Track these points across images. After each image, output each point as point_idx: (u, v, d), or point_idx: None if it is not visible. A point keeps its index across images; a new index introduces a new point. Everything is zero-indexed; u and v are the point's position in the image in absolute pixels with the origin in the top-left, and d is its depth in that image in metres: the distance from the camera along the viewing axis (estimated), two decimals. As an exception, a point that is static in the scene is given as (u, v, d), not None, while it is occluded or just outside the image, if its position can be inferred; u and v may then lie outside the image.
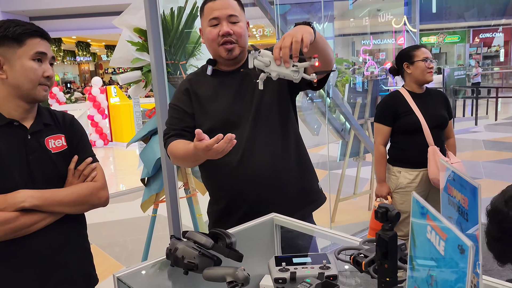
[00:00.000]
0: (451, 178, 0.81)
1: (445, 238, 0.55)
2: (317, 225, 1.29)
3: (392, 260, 0.79)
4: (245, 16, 1.47)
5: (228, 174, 1.44)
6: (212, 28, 1.40)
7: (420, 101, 2.29)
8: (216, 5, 1.40)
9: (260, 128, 1.44)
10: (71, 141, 1.32)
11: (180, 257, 1.02)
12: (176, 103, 1.50)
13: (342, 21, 13.09)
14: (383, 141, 2.34)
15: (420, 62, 2.25)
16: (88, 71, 23.39)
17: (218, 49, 1.40)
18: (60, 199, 1.22)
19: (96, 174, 1.33)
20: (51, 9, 11.83)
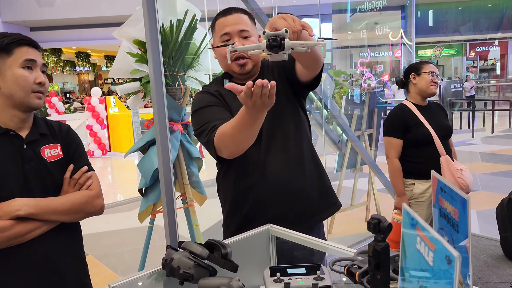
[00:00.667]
0: (442, 190, 0.83)
1: (433, 249, 0.56)
2: (312, 237, 1.30)
3: (384, 271, 0.80)
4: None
5: (249, 187, 1.44)
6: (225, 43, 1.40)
7: (426, 113, 2.35)
8: (227, 21, 1.41)
9: (276, 136, 1.44)
10: (67, 150, 1.32)
11: (175, 267, 1.03)
12: (209, 100, 1.42)
13: (340, 33, 13.23)
14: (397, 154, 2.37)
15: (426, 74, 2.33)
16: (87, 81, 23.48)
17: (231, 65, 1.41)
18: (55, 207, 1.23)
19: (91, 182, 1.33)
20: (52, 20, 11.94)
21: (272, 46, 0.96)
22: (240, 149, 1.29)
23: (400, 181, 2.39)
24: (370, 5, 7.56)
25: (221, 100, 1.43)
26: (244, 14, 1.43)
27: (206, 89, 1.50)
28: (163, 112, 2.11)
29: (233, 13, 1.41)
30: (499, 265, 1.39)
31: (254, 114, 1.14)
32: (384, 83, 10.10)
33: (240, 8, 1.46)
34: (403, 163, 2.39)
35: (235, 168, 1.47)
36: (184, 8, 2.42)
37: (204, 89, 1.51)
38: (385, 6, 7.67)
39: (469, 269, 0.71)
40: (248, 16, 1.44)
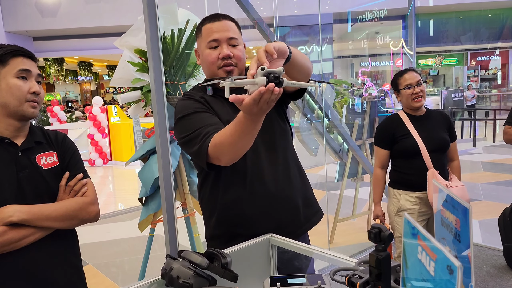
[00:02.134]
0: (444, 199, 0.82)
1: (435, 258, 0.55)
2: (314, 246, 1.29)
3: (385, 281, 0.79)
4: (243, 38, 1.46)
5: (238, 198, 1.39)
6: (212, 50, 1.37)
7: (418, 124, 2.28)
8: (215, 27, 1.37)
9: (261, 146, 1.41)
10: (63, 158, 1.33)
11: (175, 277, 1.02)
12: (195, 107, 1.36)
13: (341, 43, 13.29)
14: (380, 164, 2.36)
15: (405, 90, 2.27)
16: (89, 91, 23.59)
17: (217, 72, 1.38)
18: (49, 213, 1.22)
19: (86, 189, 1.33)
20: (54, 30, 12.04)
21: (273, 81, 0.99)
22: (240, 154, 1.24)
23: (379, 190, 2.40)
24: (371, 15, 7.61)
25: (207, 106, 1.38)
26: (232, 22, 1.41)
27: (189, 95, 1.42)
28: (164, 121, 2.12)
29: (222, 19, 1.38)
30: (502, 275, 1.37)
31: (256, 119, 1.11)
32: (385, 92, 10.13)
33: (228, 16, 1.43)
34: (392, 172, 2.38)
35: (223, 178, 1.41)
36: (185, 18, 2.43)
37: (187, 95, 1.43)
38: (386, 16, 7.72)
39: (471, 279, 0.70)
40: (236, 24, 1.42)
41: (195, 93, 1.44)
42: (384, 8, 7.94)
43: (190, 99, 1.40)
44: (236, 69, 1.39)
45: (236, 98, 1.01)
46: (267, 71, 0.99)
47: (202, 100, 1.39)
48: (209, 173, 1.40)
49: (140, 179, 2.46)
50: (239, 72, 1.40)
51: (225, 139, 1.19)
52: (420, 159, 2.22)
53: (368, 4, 8.25)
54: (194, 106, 1.36)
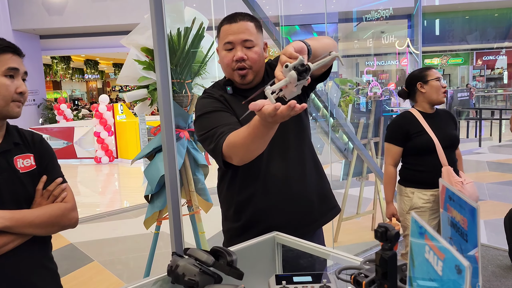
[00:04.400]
0: (450, 198, 0.82)
1: (442, 258, 0.55)
2: (319, 245, 1.29)
3: (391, 280, 0.79)
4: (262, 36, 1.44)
5: (252, 194, 1.43)
6: (227, 52, 1.39)
7: (431, 121, 2.29)
8: (231, 29, 1.38)
9: (278, 142, 1.40)
10: (40, 161, 1.27)
11: (181, 274, 1.02)
12: (213, 105, 1.40)
13: (346, 42, 13.26)
14: (393, 161, 2.34)
15: (434, 81, 2.28)
16: (95, 89, 23.71)
17: (233, 73, 1.40)
18: (31, 220, 1.17)
19: (66, 194, 1.28)
20: (61, 28, 12.10)
21: (301, 72, 1.01)
22: (252, 156, 1.27)
23: (391, 189, 2.37)
24: (376, 14, 7.58)
25: (226, 105, 1.41)
26: (250, 22, 1.39)
27: (210, 94, 1.46)
28: (170, 119, 2.12)
29: (238, 21, 1.38)
30: (507, 275, 1.37)
31: (270, 126, 1.12)
32: (390, 91, 10.09)
33: (246, 15, 1.42)
34: (404, 171, 2.37)
35: (239, 176, 1.45)
36: (191, 17, 2.44)
37: (207, 93, 1.47)
38: (392, 15, 7.67)
39: (478, 279, 0.70)
40: (255, 23, 1.40)
41: (215, 91, 1.46)
42: (390, 7, 7.90)
43: (210, 97, 1.43)
44: (250, 71, 1.39)
45: (254, 106, 1.01)
46: (292, 65, 1.01)
47: (221, 99, 1.42)
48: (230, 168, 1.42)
49: (146, 176, 2.47)
50: (254, 74, 1.40)
51: (238, 141, 1.21)
52: (433, 156, 2.23)
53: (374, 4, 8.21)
54: (213, 105, 1.40)
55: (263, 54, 1.43)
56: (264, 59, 1.44)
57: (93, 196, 6.69)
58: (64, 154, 9.02)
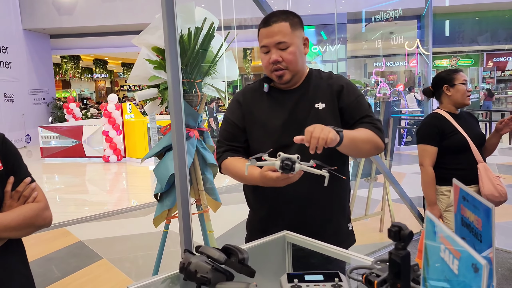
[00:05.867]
0: (464, 199, 0.82)
1: (458, 257, 0.55)
2: (329, 244, 1.29)
3: (404, 280, 0.79)
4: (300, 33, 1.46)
5: (273, 189, 1.44)
6: (264, 54, 1.44)
7: (460, 121, 2.34)
8: (266, 32, 1.42)
9: (308, 156, 1.42)
10: (6, 162, 1.21)
11: (193, 271, 1.03)
12: (230, 116, 1.54)
13: (355, 43, 13.16)
14: (431, 162, 2.34)
15: (461, 85, 2.32)
16: (104, 88, 23.87)
17: (271, 74, 1.45)
18: (7, 223, 1.13)
19: (37, 194, 1.24)
20: (71, 28, 12.22)
21: (283, 168, 1.16)
22: (241, 181, 1.49)
23: (433, 190, 2.36)
24: (385, 14, 7.51)
25: (240, 112, 1.51)
26: (284, 22, 1.40)
27: (239, 96, 1.55)
28: (180, 118, 2.14)
29: (272, 23, 1.40)
30: (519, 278, 1.36)
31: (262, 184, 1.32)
32: (398, 92, 10.04)
33: (282, 14, 1.43)
34: (437, 170, 2.36)
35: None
36: (201, 17, 2.45)
37: (239, 94, 1.57)
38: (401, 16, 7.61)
39: (493, 279, 0.70)
40: (290, 22, 1.41)
41: (249, 91, 1.56)
42: (399, 8, 7.84)
43: (233, 101, 1.57)
44: (287, 72, 1.42)
45: (264, 173, 1.25)
46: (283, 157, 1.17)
47: (238, 106, 1.53)
48: None
49: (155, 175, 2.49)
50: (292, 74, 1.43)
51: (231, 172, 1.47)
52: (469, 154, 2.28)
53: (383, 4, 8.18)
54: (230, 114, 1.54)
55: (302, 51, 1.45)
56: (303, 56, 1.46)
57: (101, 194, 6.75)
58: (73, 152, 9.10)
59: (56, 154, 9.19)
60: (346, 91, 1.46)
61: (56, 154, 9.18)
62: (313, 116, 1.43)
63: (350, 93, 1.46)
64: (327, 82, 1.48)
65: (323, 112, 1.44)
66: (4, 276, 1.18)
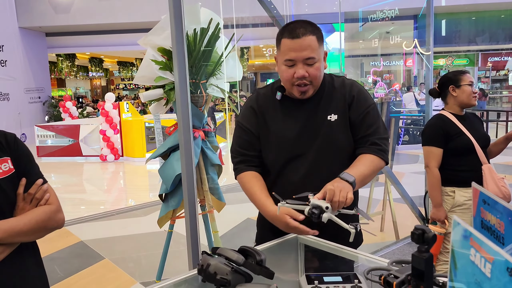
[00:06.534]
0: (485, 202, 0.84)
1: (491, 260, 0.57)
2: (340, 245, 1.30)
3: (428, 281, 0.80)
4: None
5: (287, 193, 1.42)
6: (288, 68, 1.37)
7: (465, 123, 2.37)
8: (294, 45, 1.34)
9: (325, 157, 1.44)
10: (18, 163, 1.20)
11: (212, 273, 1.04)
12: (244, 123, 1.51)
13: (352, 42, 13.18)
14: (437, 163, 2.37)
15: (467, 86, 2.35)
16: (99, 86, 23.77)
17: (292, 88, 1.40)
18: (20, 229, 1.13)
19: (49, 196, 1.23)
20: (67, 26, 12.14)
21: (312, 214, 1.17)
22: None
23: (439, 191, 2.39)
24: (382, 14, 7.53)
25: (254, 117, 1.49)
26: (312, 35, 1.35)
27: (252, 103, 1.51)
28: (188, 118, 2.15)
29: (301, 36, 1.33)
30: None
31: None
32: (395, 92, 10.09)
33: (308, 26, 1.36)
34: (442, 171, 2.39)
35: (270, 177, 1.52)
36: (206, 17, 2.45)
37: (252, 101, 1.52)
38: (397, 16, 7.64)
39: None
40: (317, 36, 1.36)
41: (263, 95, 1.52)
42: (396, 8, 7.87)
43: (246, 107, 1.53)
44: (310, 87, 1.39)
45: (292, 223, 1.30)
46: (313, 204, 1.18)
47: (258, 110, 1.49)
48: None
49: (160, 176, 2.49)
50: (314, 89, 1.41)
51: (244, 189, 1.49)
52: (474, 155, 2.30)
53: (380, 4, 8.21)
54: (243, 118, 1.52)
55: (323, 66, 1.42)
56: (323, 72, 1.43)
57: (99, 194, 6.73)
58: (70, 151, 9.06)
59: (52, 153, 9.14)
60: (356, 102, 1.44)
61: (53, 153, 9.14)
62: (326, 128, 1.43)
63: (361, 105, 1.44)
64: (340, 92, 1.46)
65: (336, 125, 1.43)
66: (20, 278, 1.18)
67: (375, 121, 1.45)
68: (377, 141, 1.43)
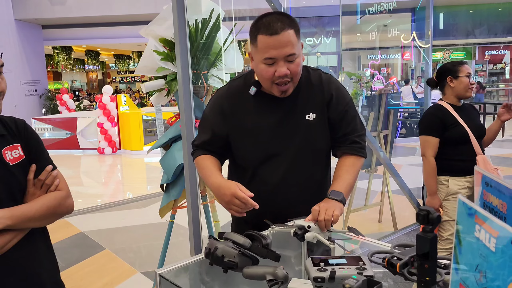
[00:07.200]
0: (488, 184, 0.86)
1: (496, 235, 0.59)
2: (346, 230, 1.33)
3: (432, 260, 0.83)
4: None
5: (263, 194, 1.38)
6: (267, 66, 1.28)
7: (461, 113, 2.40)
8: (273, 42, 1.24)
9: (303, 158, 1.40)
10: (28, 150, 1.21)
11: (220, 256, 1.07)
12: (210, 120, 1.44)
13: (349, 35, 13.17)
14: (433, 152, 2.40)
15: (464, 77, 2.37)
16: (96, 80, 23.65)
17: (272, 86, 1.32)
18: (31, 215, 1.15)
19: (59, 182, 1.25)
20: (63, 18, 12.04)
21: (295, 234, 1.20)
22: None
23: (435, 180, 2.43)
24: (379, 7, 7.54)
25: (222, 119, 1.41)
26: (290, 29, 1.26)
27: (222, 100, 1.43)
28: (190, 109, 2.16)
29: (280, 32, 1.24)
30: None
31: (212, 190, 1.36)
32: (392, 85, 10.12)
33: (285, 19, 1.27)
34: (438, 161, 2.42)
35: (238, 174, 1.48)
36: (207, 7, 2.46)
37: (222, 97, 1.44)
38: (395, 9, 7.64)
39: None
40: (294, 29, 1.27)
41: (236, 88, 1.43)
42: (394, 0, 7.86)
43: (215, 105, 1.44)
44: (291, 84, 1.32)
45: (239, 193, 1.25)
46: (296, 224, 1.22)
47: (221, 114, 1.41)
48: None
49: (162, 166, 2.51)
50: (294, 86, 1.34)
51: (198, 167, 1.46)
52: (469, 145, 2.34)
53: (377, -4, 8.16)
54: (211, 115, 1.45)
55: (302, 59, 1.34)
56: (302, 67, 1.36)
57: (97, 186, 6.74)
58: (67, 144, 9.05)
59: (50, 146, 9.11)
60: (335, 101, 1.39)
61: (50, 146, 9.11)
62: (304, 128, 1.38)
63: (339, 103, 1.40)
64: (318, 89, 1.40)
65: (313, 124, 1.39)
66: (32, 261, 1.21)
67: (353, 118, 1.43)
68: (356, 139, 1.42)
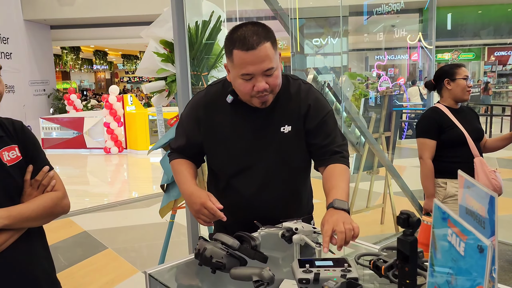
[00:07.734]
0: (469, 188, 0.87)
1: (465, 239, 0.60)
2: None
3: (412, 263, 0.84)
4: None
5: (238, 204, 1.39)
6: (245, 82, 1.24)
7: (458, 116, 2.39)
8: (250, 58, 1.19)
9: (277, 171, 1.38)
10: (26, 151, 1.23)
11: (208, 257, 1.08)
12: (185, 126, 1.43)
13: (356, 36, 13.11)
14: (431, 155, 2.40)
15: (462, 80, 2.36)
16: (104, 79, 23.83)
17: (251, 100, 1.28)
18: (28, 215, 1.17)
19: (55, 182, 1.27)
20: (72, 19, 12.16)
21: (282, 236, 1.19)
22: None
23: (432, 182, 2.42)
24: (387, 7, 7.50)
25: (197, 127, 1.39)
26: (266, 42, 1.21)
27: (198, 107, 1.39)
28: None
29: (257, 47, 1.19)
30: (518, 268, 1.41)
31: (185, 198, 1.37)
32: (399, 86, 10.07)
33: (260, 32, 1.21)
34: (435, 163, 2.42)
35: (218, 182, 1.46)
36: (208, 9, 2.48)
37: (199, 105, 1.40)
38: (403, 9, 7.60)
39: (495, 263, 0.75)
40: (271, 41, 1.23)
41: (214, 94, 1.38)
42: (401, 1, 7.81)
43: (192, 113, 1.41)
44: (271, 96, 1.28)
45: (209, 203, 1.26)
46: (284, 226, 1.20)
47: (196, 122, 1.39)
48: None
49: (162, 166, 2.53)
50: (274, 96, 1.30)
51: (173, 171, 1.45)
52: (466, 148, 2.34)
53: (385, -4, 8.12)
54: (186, 121, 1.43)
55: (280, 69, 1.30)
56: (281, 79, 1.31)
57: (103, 186, 6.80)
58: (74, 144, 9.14)
59: (57, 146, 9.23)
60: (312, 112, 1.35)
61: (57, 146, 9.22)
62: (279, 140, 1.35)
63: (317, 114, 1.36)
64: (295, 100, 1.35)
65: (289, 137, 1.35)
66: (28, 261, 1.23)
67: (332, 130, 1.38)
68: (337, 149, 1.37)
